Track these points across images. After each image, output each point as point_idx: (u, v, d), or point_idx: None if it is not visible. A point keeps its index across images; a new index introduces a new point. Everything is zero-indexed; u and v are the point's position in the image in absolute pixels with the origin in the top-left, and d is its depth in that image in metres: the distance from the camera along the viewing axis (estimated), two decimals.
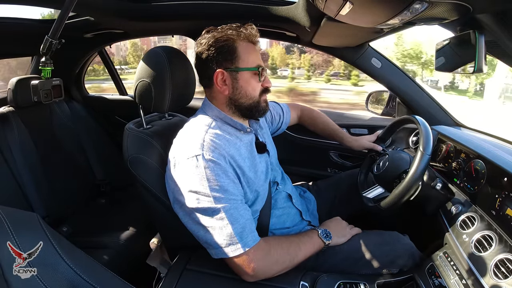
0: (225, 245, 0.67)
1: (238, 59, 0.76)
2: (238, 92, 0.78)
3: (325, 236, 0.81)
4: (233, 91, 0.78)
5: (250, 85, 0.78)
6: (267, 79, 0.81)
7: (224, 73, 0.76)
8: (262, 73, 0.78)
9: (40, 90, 1.27)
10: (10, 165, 1.25)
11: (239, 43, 0.76)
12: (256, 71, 0.78)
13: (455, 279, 0.67)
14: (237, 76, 0.77)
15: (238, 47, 0.76)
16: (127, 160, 0.81)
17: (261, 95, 0.80)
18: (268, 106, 0.84)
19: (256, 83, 0.79)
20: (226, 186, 0.69)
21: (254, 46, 0.80)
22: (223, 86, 0.78)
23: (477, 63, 0.61)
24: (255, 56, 0.78)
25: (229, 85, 0.77)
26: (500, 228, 0.67)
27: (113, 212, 1.51)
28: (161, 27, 1.42)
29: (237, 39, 0.76)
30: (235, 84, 0.77)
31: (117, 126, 1.67)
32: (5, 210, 0.48)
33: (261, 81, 0.79)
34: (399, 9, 0.56)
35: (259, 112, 0.82)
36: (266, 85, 0.81)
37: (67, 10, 0.97)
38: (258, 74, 0.78)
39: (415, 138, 1.24)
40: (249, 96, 0.79)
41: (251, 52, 0.78)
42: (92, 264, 0.56)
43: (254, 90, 0.79)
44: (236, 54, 0.76)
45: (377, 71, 1.24)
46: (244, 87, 0.78)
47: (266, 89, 0.82)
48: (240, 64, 0.76)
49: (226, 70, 0.76)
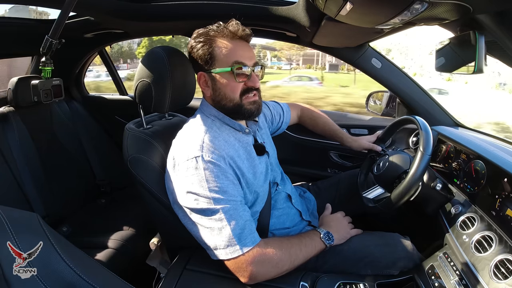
0: (223, 246, 0.67)
1: (214, 59, 0.74)
2: (218, 94, 0.76)
3: (327, 239, 0.80)
4: (213, 93, 0.77)
5: (228, 86, 0.75)
6: (252, 77, 0.76)
7: (205, 75, 0.76)
8: (241, 71, 0.74)
9: (40, 90, 1.27)
10: (10, 165, 1.25)
11: (219, 42, 0.74)
12: (231, 71, 0.73)
13: (455, 279, 0.67)
14: (215, 77, 0.76)
15: (215, 48, 0.74)
16: (127, 160, 0.81)
17: (243, 96, 0.76)
18: (257, 108, 0.79)
19: (235, 84, 0.75)
20: (226, 188, 0.69)
21: (239, 43, 0.76)
22: (206, 88, 0.78)
23: (477, 64, 0.61)
24: (234, 53, 0.74)
25: (210, 87, 0.77)
26: (500, 229, 0.67)
27: (113, 212, 1.50)
28: (161, 27, 1.42)
29: (217, 38, 0.74)
30: (214, 86, 0.76)
31: (117, 126, 1.67)
32: (5, 210, 0.48)
33: (238, 81, 0.74)
34: (399, 9, 0.55)
35: (243, 115, 0.78)
36: (250, 84, 0.76)
37: (67, 10, 0.97)
38: (233, 74, 0.73)
39: (415, 139, 1.24)
40: (228, 98, 0.76)
41: (230, 49, 0.74)
42: (92, 264, 0.56)
43: (233, 92, 0.75)
44: (213, 55, 0.74)
45: (377, 71, 1.24)
46: (222, 89, 0.75)
47: (249, 89, 0.76)
48: (216, 65, 0.75)
49: (206, 72, 0.76)
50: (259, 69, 0.79)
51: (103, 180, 1.65)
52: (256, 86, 0.77)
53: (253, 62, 0.76)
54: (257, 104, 0.79)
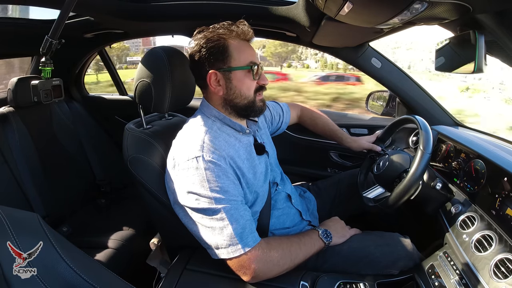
0: (225, 245, 0.67)
1: (230, 58, 0.75)
2: (232, 92, 0.77)
3: (325, 236, 0.81)
4: (227, 91, 0.77)
5: (245, 84, 0.76)
6: (262, 76, 0.79)
7: (217, 74, 0.75)
8: (257, 70, 0.76)
9: (40, 90, 1.28)
10: (10, 165, 1.25)
11: (231, 41, 0.75)
12: (249, 69, 0.76)
13: (455, 279, 0.67)
14: (230, 76, 0.76)
15: (230, 46, 0.75)
16: (127, 160, 0.81)
17: (256, 93, 0.79)
18: (265, 105, 0.82)
19: (251, 82, 0.77)
20: (227, 187, 0.69)
21: (247, 43, 0.78)
22: (217, 87, 0.77)
23: (477, 63, 0.61)
24: (248, 53, 0.76)
25: (223, 86, 0.77)
26: (500, 228, 0.67)
27: (113, 212, 1.51)
28: (161, 27, 1.42)
29: (229, 38, 0.75)
30: (228, 84, 0.76)
31: (117, 126, 1.67)
32: (5, 210, 0.48)
33: (256, 79, 0.77)
34: (399, 9, 0.56)
35: (255, 112, 0.80)
36: (262, 82, 0.79)
37: (67, 10, 0.97)
38: (252, 72, 0.76)
39: (415, 138, 1.24)
40: (243, 96, 0.77)
41: (243, 49, 0.76)
42: (92, 264, 0.56)
43: (249, 89, 0.77)
44: (228, 54, 0.74)
45: (377, 71, 1.24)
46: (238, 87, 0.76)
47: (262, 87, 0.80)
48: (232, 64, 0.75)
49: (219, 71, 0.75)
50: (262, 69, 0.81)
51: (103, 180, 1.65)
52: (267, 83, 0.81)
53: (259, 61, 0.78)
54: (264, 102, 0.82)
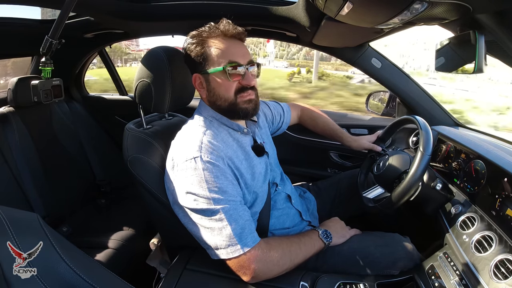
0: (224, 246, 0.67)
1: (207, 60, 0.74)
2: (212, 95, 0.76)
3: (325, 237, 0.81)
4: (208, 93, 0.77)
5: (222, 85, 0.74)
6: (247, 76, 0.74)
7: (200, 77, 0.76)
8: (232, 70, 0.72)
9: (40, 90, 1.27)
10: (10, 165, 1.25)
11: (211, 42, 0.74)
12: (223, 70, 0.72)
13: (455, 279, 0.67)
14: (209, 78, 0.75)
15: (207, 48, 0.74)
16: (127, 160, 0.81)
17: (237, 95, 0.75)
18: (253, 106, 0.77)
19: (229, 83, 0.74)
20: (225, 188, 0.69)
21: (232, 42, 0.75)
22: (201, 89, 0.78)
23: (477, 63, 0.61)
24: (227, 52, 0.73)
25: (205, 88, 0.77)
26: (500, 229, 0.67)
27: (113, 212, 1.51)
28: (161, 27, 1.42)
29: (209, 39, 0.74)
30: (208, 87, 0.76)
31: (117, 126, 1.67)
32: (5, 210, 0.48)
33: (233, 80, 0.73)
34: (399, 9, 0.55)
35: (239, 114, 0.76)
36: (244, 83, 0.74)
37: (67, 10, 0.97)
38: (226, 73, 0.72)
39: (415, 138, 1.24)
40: (223, 98, 0.75)
41: (223, 49, 0.73)
42: (92, 264, 0.56)
43: (227, 91, 0.74)
44: (205, 55, 0.74)
45: (377, 71, 1.24)
46: (216, 89, 0.75)
47: (244, 88, 0.75)
48: (209, 66, 0.74)
49: (200, 74, 0.76)
50: (254, 68, 0.78)
51: (103, 180, 1.65)
52: (251, 84, 0.75)
53: (247, 60, 0.75)
54: (253, 103, 0.77)
